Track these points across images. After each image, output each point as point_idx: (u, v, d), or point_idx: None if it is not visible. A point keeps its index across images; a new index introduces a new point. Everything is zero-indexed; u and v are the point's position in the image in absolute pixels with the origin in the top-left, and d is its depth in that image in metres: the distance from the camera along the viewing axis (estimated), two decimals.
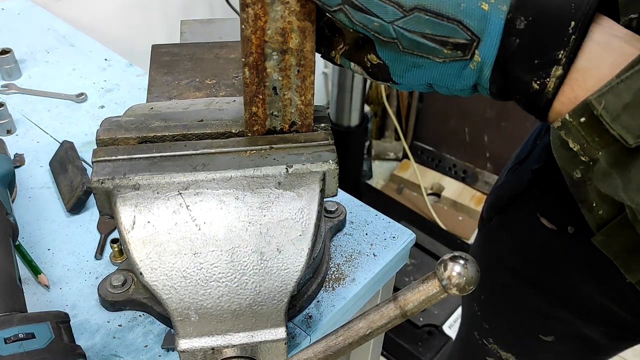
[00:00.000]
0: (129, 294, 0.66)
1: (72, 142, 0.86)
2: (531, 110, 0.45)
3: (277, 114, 0.58)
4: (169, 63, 0.76)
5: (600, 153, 0.41)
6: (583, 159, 0.44)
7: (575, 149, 0.43)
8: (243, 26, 0.51)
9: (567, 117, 0.42)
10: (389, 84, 0.50)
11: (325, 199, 0.60)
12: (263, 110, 0.57)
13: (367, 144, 2.25)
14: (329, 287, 0.70)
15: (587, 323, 0.80)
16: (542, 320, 0.84)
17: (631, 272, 0.62)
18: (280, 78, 0.55)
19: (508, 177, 0.83)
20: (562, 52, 0.41)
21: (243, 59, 0.53)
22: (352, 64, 0.52)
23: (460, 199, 2.25)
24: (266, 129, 0.59)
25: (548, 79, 0.42)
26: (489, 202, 0.86)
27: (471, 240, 2.16)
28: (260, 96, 0.56)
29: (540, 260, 0.79)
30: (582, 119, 0.41)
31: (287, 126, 0.59)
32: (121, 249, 0.71)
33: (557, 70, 0.42)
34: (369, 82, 2.24)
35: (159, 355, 0.63)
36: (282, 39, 0.52)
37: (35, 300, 0.68)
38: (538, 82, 0.43)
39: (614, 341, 0.82)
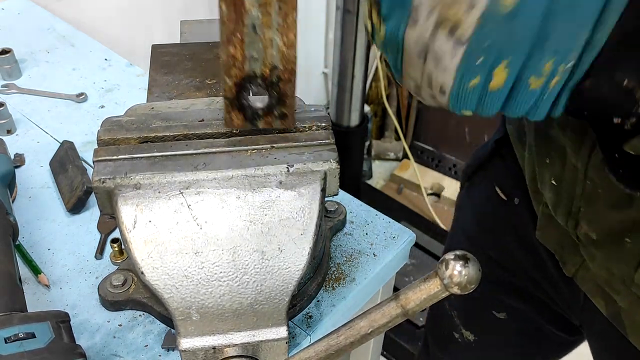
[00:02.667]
0: (129, 293, 0.66)
1: (72, 142, 0.86)
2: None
3: (256, 56, 0.53)
4: (169, 63, 0.76)
5: None
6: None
7: None
8: None
9: None
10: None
11: (325, 199, 0.60)
12: (241, 52, 0.52)
13: (367, 144, 2.25)
14: (329, 287, 0.70)
15: (528, 304, 0.83)
16: (494, 294, 0.86)
17: (566, 266, 0.64)
18: (259, 15, 0.50)
19: (480, 147, 0.86)
20: None
21: None
22: None
23: None
24: (244, 73, 0.54)
25: None
26: (463, 170, 0.90)
27: None
28: (238, 35, 0.51)
29: (492, 229, 0.82)
30: None
31: (267, 71, 0.54)
32: (121, 249, 0.71)
33: None
34: (369, 82, 2.24)
35: (159, 355, 0.63)
36: None
37: (36, 300, 0.68)
38: None
39: (558, 332, 0.84)
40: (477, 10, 0.35)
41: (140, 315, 0.66)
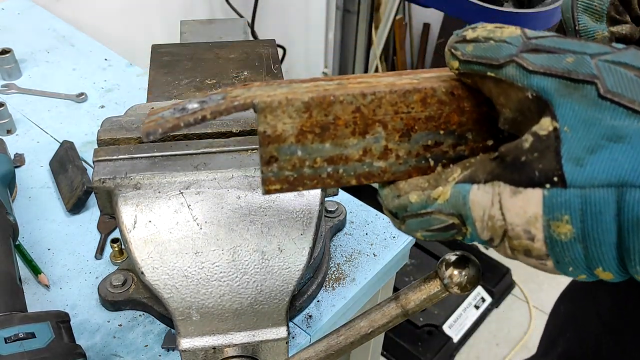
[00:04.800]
0: (129, 293, 0.66)
1: (72, 142, 0.86)
2: None
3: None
4: (169, 63, 0.76)
5: None
6: None
7: None
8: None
9: None
10: (546, 190, 0.31)
11: (325, 199, 0.60)
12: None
13: None
14: (329, 287, 0.70)
15: None
16: None
17: None
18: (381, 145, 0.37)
19: None
20: None
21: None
22: (477, 187, 0.34)
23: None
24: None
25: None
26: None
27: None
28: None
29: (636, 322, 0.68)
30: None
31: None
32: (121, 249, 0.71)
33: None
34: None
35: (159, 355, 0.63)
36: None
37: (36, 300, 0.68)
38: None
39: None
40: (539, 241, 0.32)
41: (140, 315, 0.66)
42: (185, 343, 0.55)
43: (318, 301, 0.68)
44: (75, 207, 0.78)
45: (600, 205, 0.30)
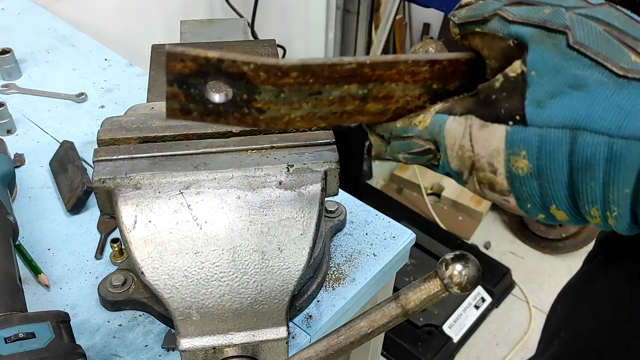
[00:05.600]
0: (129, 293, 0.66)
1: (72, 142, 0.86)
2: None
3: (270, 99, 0.40)
4: None
5: None
6: None
7: None
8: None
9: None
10: (508, 127, 0.34)
11: (325, 199, 0.60)
12: (275, 89, 0.40)
13: (367, 143, 2.25)
14: (329, 287, 0.70)
15: None
16: None
17: None
18: (330, 97, 0.41)
19: None
20: None
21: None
22: (453, 118, 0.38)
23: (460, 199, 2.25)
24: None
25: None
26: (598, 239, 0.77)
27: (471, 240, 2.17)
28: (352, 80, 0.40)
29: (632, 317, 0.68)
30: None
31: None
32: (121, 249, 0.71)
33: None
34: None
35: (159, 355, 0.63)
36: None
37: (36, 300, 0.68)
38: None
39: None
40: (501, 174, 0.35)
41: (140, 315, 0.66)
42: (185, 343, 0.55)
43: (318, 301, 0.68)
44: (75, 207, 0.78)
45: (554, 145, 0.33)
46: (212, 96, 0.40)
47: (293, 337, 0.65)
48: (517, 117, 0.33)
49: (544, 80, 0.33)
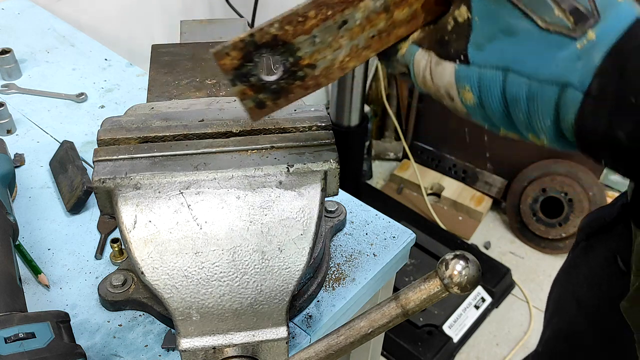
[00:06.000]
0: (129, 293, 0.66)
1: (72, 142, 0.86)
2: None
3: (316, 41, 0.44)
4: (169, 63, 0.76)
5: None
6: None
7: None
8: None
9: None
10: (456, 64, 0.40)
11: (325, 199, 0.60)
12: (311, 27, 0.43)
13: (367, 144, 2.25)
14: (329, 287, 0.70)
15: None
16: None
17: None
18: (359, 21, 0.43)
19: (606, 206, 0.77)
20: None
21: None
22: (421, 50, 0.43)
23: (460, 199, 2.25)
24: (290, 39, 0.43)
25: None
26: (580, 225, 0.81)
27: (471, 240, 2.17)
28: (328, 13, 0.43)
29: (609, 300, 0.72)
30: None
31: (304, 62, 0.45)
32: (121, 249, 0.71)
33: None
34: (369, 82, 2.24)
35: (159, 355, 0.63)
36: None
37: (36, 300, 0.68)
38: None
39: None
40: (457, 102, 0.41)
41: (140, 315, 0.66)
42: (185, 343, 0.55)
43: (318, 301, 0.68)
44: (75, 207, 0.78)
45: (490, 81, 0.39)
46: (268, 77, 0.44)
47: (293, 337, 0.65)
48: (462, 57, 0.40)
49: (484, 26, 0.38)
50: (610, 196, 2.10)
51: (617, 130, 0.34)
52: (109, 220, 0.77)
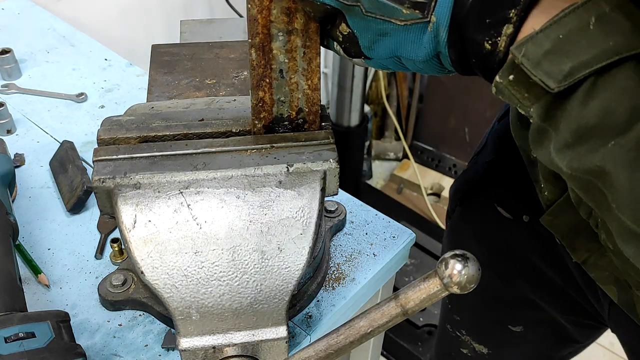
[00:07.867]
0: (129, 293, 0.66)
1: (72, 142, 0.86)
2: (487, 75, 0.45)
3: (283, 99, 0.57)
4: (169, 63, 0.76)
5: (532, 109, 0.41)
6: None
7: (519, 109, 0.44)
8: (249, 5, 0.52)
9: (497, 78, 0.42)
10: (363, 60, 0.51)
11: (325, 199, 0.60)
12: (270, 96, 0.57)
13: (367, 144, 2.25)
14: (329, 287, 0.70)
15: (550, 309, 0.82)
16: (508, 309, 0.86)
17: (576, 252, 0.63)
18: (286, 60, 0.55)
19: (466, 169, 0.86)
20: (513, 10, 0.41)
21: (250, 40, 0.54)
22: (335, 44, 0.52)
23: None
24: (273, 116, 0.58)
25: (499, 38, 0.42)
26: (450, 195, 0.89)
27: None
28: (267, 80, 0.56)
29: (500, 249, 0.81)
30: (511, 77, 0.41)
31: (294, 113, 0.59)
32: (121, 249, 0.71)
33: (508, 29, 0.41)
34: (369, 82, 2.24)
35: (159, 355, 0.63)
36: (287, 18, 0.53)
37: (36, 299, 0.68)
38: (490, 41, 0.42)
39: (580, 328, 0.84)
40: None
41: (140, 315, 0.66)
42: (185, 342, 0.55)
43: (318, 301, 0.68)
44: (75, 207, 0.78)
45: (390, 65, 0.50)
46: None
47: (293, 337, 0.65)
48: (363, 57, 0.51)
49: (363, 35, 0.49)
50: None
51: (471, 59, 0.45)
52: (109, 220, 0.77)
